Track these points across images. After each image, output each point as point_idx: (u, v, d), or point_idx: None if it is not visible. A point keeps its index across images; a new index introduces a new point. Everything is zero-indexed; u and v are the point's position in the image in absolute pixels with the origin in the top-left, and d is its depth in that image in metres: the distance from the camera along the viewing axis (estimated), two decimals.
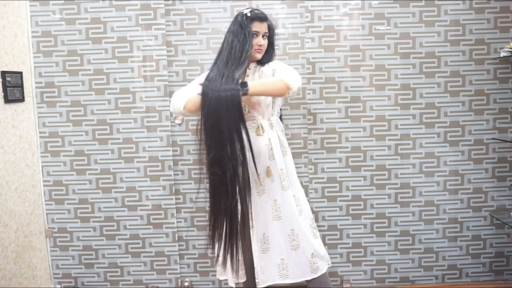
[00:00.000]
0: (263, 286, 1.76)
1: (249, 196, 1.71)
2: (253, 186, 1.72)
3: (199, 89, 1.62)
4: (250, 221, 1.74)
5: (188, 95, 1.66)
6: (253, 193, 1.73)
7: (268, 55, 1.78)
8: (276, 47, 1.82)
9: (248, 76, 1.76)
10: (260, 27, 1.69)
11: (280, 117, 1.87)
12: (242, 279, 1.82)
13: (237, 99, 1.55)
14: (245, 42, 1.64)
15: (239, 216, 1.74)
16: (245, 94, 1.57)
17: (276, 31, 1.80)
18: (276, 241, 1.75)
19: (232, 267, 1.73)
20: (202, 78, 1.75)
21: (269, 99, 1.74)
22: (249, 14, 1.67)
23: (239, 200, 1.65)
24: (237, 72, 1.60)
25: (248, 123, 1.72)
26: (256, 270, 1.75)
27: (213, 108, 1.55)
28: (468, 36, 2.15)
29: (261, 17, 1.69)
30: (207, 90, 1.58)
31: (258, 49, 1.70)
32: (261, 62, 1.78)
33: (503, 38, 2.14)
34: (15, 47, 2.04)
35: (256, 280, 1.75)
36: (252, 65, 1.77)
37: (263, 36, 1.71)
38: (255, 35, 1.68)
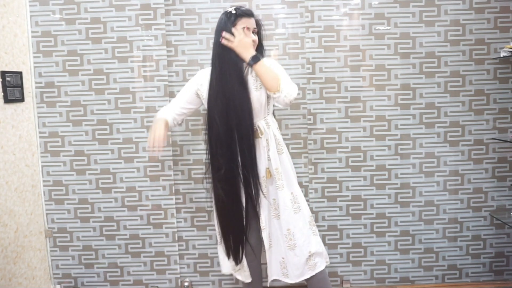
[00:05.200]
0: (270, 280, 1.82)
1: (258, 198, 1.76)
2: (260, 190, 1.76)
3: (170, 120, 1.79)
4: (261, 223, 1.77)
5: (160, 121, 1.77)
6: (261, 196, 1.75)
7: (259, 53, 1.74)
8: (276, 47, 1.81)
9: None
10: (249, 23, 1.66)
11: (273, 113, 1.86)
12: (248, 279, 1.87)
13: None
14: (237, 61, 1.65)
15: (245, 219, 1.78)
16: (250, 65, 1.63)
17: (276, 30, 1.78)
18: (276, 239, 1.77)
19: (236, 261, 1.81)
20: (197, 77, 1.78)
21: (264, 98, 1.72)
22: (233, 12, 1.64)
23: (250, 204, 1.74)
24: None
25: None
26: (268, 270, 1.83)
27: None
28: (468, 36, 2.15)
29: (248, 13, 1.67)
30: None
31: None
32: None
33: (503, 38, 2.14)
34: (15, 47, 2.04)
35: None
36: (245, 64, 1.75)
37: (253, 32, 1.69)
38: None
